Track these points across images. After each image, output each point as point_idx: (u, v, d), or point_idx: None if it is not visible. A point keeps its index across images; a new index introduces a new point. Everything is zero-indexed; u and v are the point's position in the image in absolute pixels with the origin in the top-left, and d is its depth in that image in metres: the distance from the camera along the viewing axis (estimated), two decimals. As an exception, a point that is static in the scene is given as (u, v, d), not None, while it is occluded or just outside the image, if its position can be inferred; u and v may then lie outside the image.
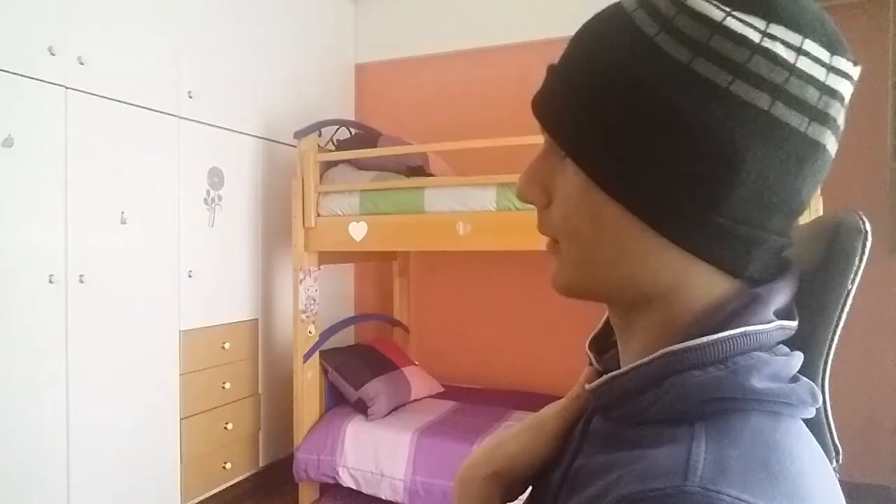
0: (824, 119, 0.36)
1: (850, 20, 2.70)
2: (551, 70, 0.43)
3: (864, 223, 0.42)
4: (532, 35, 3.25)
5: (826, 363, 0.44)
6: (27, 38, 1.85)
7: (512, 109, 3.33)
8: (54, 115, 1.94)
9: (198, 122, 2.49)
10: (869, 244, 0.42)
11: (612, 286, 0.43)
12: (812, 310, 0.43)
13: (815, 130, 0.36)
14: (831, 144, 0.38)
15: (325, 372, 2.80)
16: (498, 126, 3.05)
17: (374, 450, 2.49)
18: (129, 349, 2.20)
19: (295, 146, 2.74)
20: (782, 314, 0.41)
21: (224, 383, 2.59)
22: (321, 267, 2.79)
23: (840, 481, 0.39)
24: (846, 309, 0.42)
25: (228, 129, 2.66)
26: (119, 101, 2.15)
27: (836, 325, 0.43)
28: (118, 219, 2.16)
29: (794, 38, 0.35)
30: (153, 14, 2.28)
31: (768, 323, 0.39)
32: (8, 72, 1.80)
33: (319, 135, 2.85)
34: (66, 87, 1.96)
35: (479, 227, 2.35)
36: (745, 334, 0.38)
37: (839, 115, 0.37)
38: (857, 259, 0.42)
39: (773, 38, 0.35)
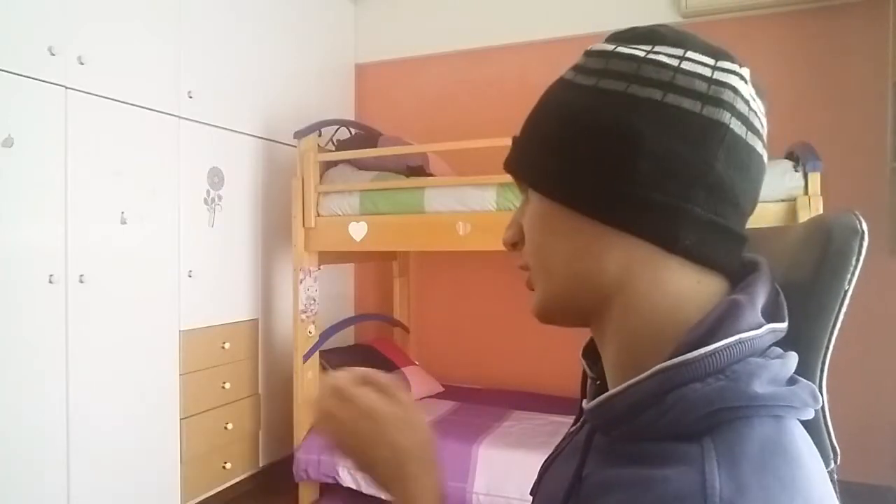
0: (717, 102, 0.42)
1: (850, 20, 2.70)
2: (515, 139, 0.52)
3: (860, 223, 0.42)
4: (532, 35, 3.25)
5: (824, 364, 0.44)
6: (27, 38, 1.85)
7: (512, 109, 3.32)
8: (54, 115, 1.94)
9: (198, 122, 2.49)
10: (866, 244, 0.42)
11: (573, 290, 0.47)
12: (809, 311, 0.44)
13: (710, 111, 0.42)
14: (736, 126, 0.43)
15: (325, 372, 2.80)
16: (498, 126, 3.04)
17: (374, 450, 2.49)
18: (129, 349, 2.20)
19: (295, 146, 2.74)
20: (768, 315, 0.42)
21: (224, 383, 2.59)
22: (321, 267, 2.79)
23: (840, 481, 0.39)
24: (843, 309, 0.43)
25: (228, 129, 2.66)
26: (119, 101, 2.15)
27: (834, 326, 0.43)
28: (118, 219, 2.16)
29: (675, 51, 0.44)
30: (153, 14, 2.28)
31: (759, 327, 0.40)
32: (8, 72, 1.80)
33: (319, 135, 2.85)
34: (66, 87, 1.96)
35: (479, 227, 2.35)
36: (739, 342, 0.39)
37: (735, 101, 0.43)
38: (853, 259, 0.42)
39: (657, 52, 0.44)
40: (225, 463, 2.62)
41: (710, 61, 0.44)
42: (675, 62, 0.43)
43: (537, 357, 3.21)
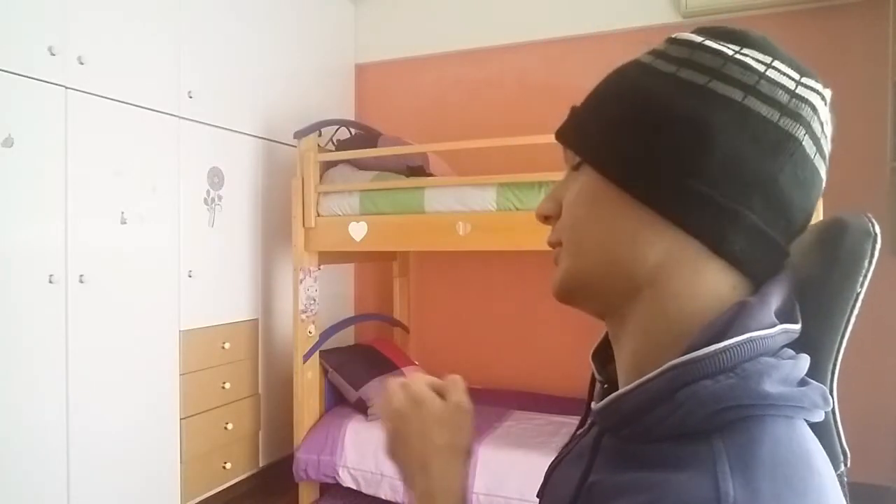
0: (796, 116, 0.42)
1: (850, 20, 2.70)
2: (574, 108, 0.51)
3: (873, 225, 0.42)
4: (532, 35, 3.25)
5: (835, 366, 0.43)
6: (27, 38, 1.85)
7: (512, 109, 3.34)
8: (54, 115, 1.93)
9: (198, 122, 2.49)
10: (879, 246, 0.42)
11: (604, 273, 0.46)
12: (820, 313, 0.43)
13: (787, 123, 0.42)
14: (808, 144, 0.43)
15: (325, 372, 2.80)
16: (498, 126, 3.05)
17: (374, 450, 2.49)
18: (129, 349, 2.20)
19: (295, 146, 2.74)
20: (782, 317, 0.41)
21: (224, 383, 2.59)
22: (321, 267, 2.79)
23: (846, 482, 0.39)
24: (855, 312, 0.43)
25: (228, 129, 2.66)
26: (119, 101, 2.14)
27: (845, 328, 0.43)
28: (118, 219, 2.16)
29: (764, 57, 0.44)
30: (153, 14, 2.28)
31: (771, 327, 0.40)
32: (8, 72, 1.79)
33: (319, 135, 2.85)
34: (66, 87, 1.96)
35: (479, 227, 2.35)
36: (751, 340, 0.39)
37: (812, 120, 0.43)
38: (865, 262, 0.42)
39: (745, 55, 0.43)
40: (225, 463, 2.62)
41: (796, 76, 0.43)
42: (761, 68, 0.43)
43: (537, 357, 3.21)
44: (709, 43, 0.45)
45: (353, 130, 3.10)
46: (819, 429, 0.40)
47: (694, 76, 0.43)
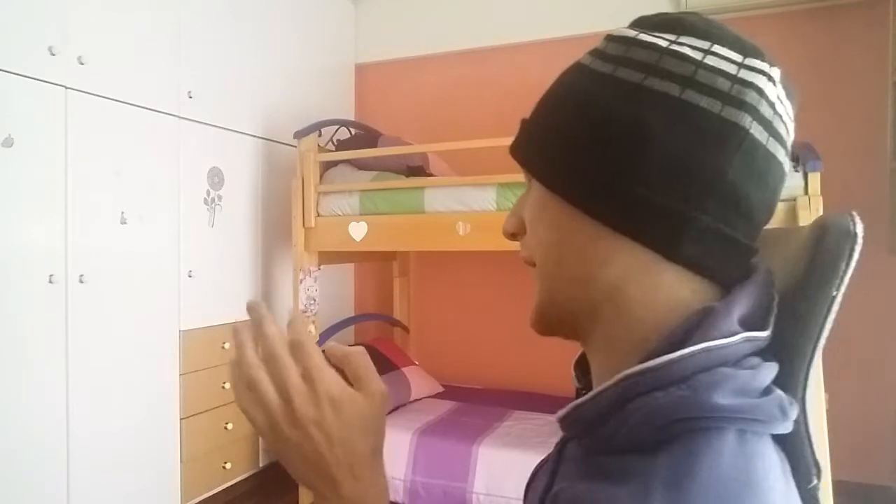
0: (739, 104, 0.39)
1: (850, 20, 2.70)
2: (523, 120, 0.49)
3: (854, 225, 0.39)
4: (532, 35, 3.25)
5: (808, 374, 0.40)
6: (27, 38, 1.85)
7: (512, 109, 3.33)
8: (54, 115, 1.93)
9: (198, 122, 2.49)
10: (858, 247, 0.39)
11: (567, 293, 0.45)
12: (796, 318, 0.41)
13: (730, 112, 0.39)
14: (757, 131, 0.40)
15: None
16: (498, 126, 3.05)
17: (374, 450, 2.49)
18: (129, 349, 2.20)
19: (295, 146, 2.74)
20: (751, 323, 0.39)
21: (224, 383, 2.59)
22: (321, 267, 2.79)
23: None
24: (831, 316, 0.40)
25: (228, 129, 2.66)
26: (119, 101, 2.14)
27: (820, 334, 0.40)
28: (118, 219, 2.16)
29: (702, 43, 0.41)
30: (153, 14, 2.28)
31: (732, 335, 0.38)
32: (8, 72, 1.79)
33: (319, 135, 2.85)
34: (66, 87, 1.96)
35: (479, 227, 2.35)
36: (706, 350, 0.37)
37: (759, 104, 0.40)
38: (843, 264, 0.39)
39: (681, 44, 0.41)
40: (225, 463, 2.62)
41: (738, 58, 0.40)
42: (699, 56, 0.40)
43: (537, 357, 3.21)
44: (643, 37, 0.42)
45: (353, 130, 3.10)
46: (789, 440, 0.38)
47: (630, 74, 0.41)
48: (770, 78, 0.41)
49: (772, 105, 0.41)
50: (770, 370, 0.38)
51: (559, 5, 3.20)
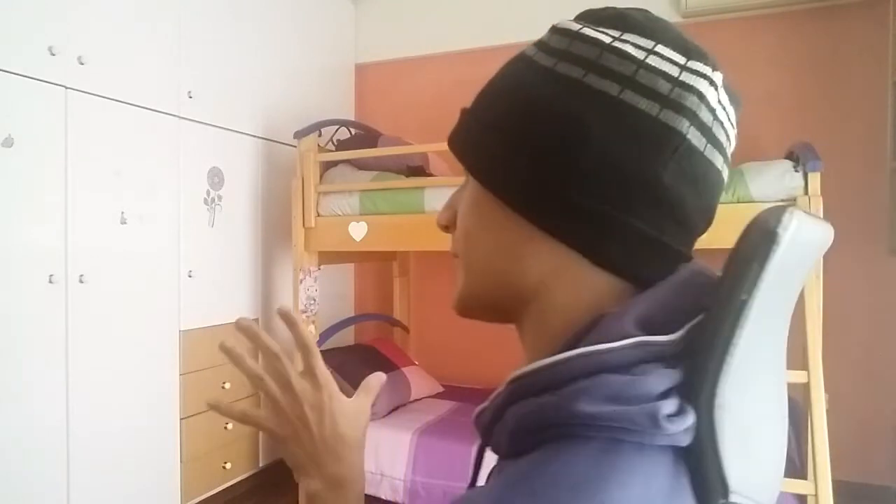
0: (678, 108, 0.38)
1: (850, 20, 2.70)
2: (463, 110, 0.48)
3: (779, 223, 0.34)
4: (532, 35, 3.18)
5: (716, 380, 0.35)
6: (27, 38, 1.85)
7: (512, 109, 3.33)
8: (54, 115, 1.93)
9: (198, 122, 2.49)
10: (779, 248, 0.34)
11: (491, 289, 0.44)
12: (710, 321, 0.37)
13: (668, 116, 0.38)
14: (695, 136, 0.39)
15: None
16: (498, 126, 3.04)
17: (374, 450, 2.49)
18: (129, 349, 2.20)
19: (295, 146, 2.74)
20: (655, 327, 0.36)
21: (224, 383, 2.59)
22: (321, 267, 2.79)
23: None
24: (741, 321, 0.35)
25: (228, 129, 2.66)
26: (119, 101, 2.14)
27: (728, 342, 0.35)
28: (118, 219, 2.16)
29: (646, 42, 0.39)
30: (153, 14, 2.28)
31: (620, 339, 0.35)
32: (8, 72, 1.79)
33: (319, 135, 2.85)
34: (66, 87, 1.96)
35: (479, 227, 2.34)
36: (584, 355, 0.36)
37: (699, 109, 0.39)
38: (756, 265, 0.34)
39: (623, 41, 0.39)
40: (225, 463, 2.62)
41: (681, 59, 0.39)
42: (641, 55, 0.39)
43: (537, 357, 3.21)
44: (586, 31, 0.41)
45: (353, 130, 3.10)
46: (696, 454, 0.35)
47: (570, 70, 0.40)
48: (712, 82, 0.40)
49: (712, 111, 0.40)
50: (662, 378, 0.35)
51: (559, 5, 3.19)
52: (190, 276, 2.44)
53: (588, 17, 0.43)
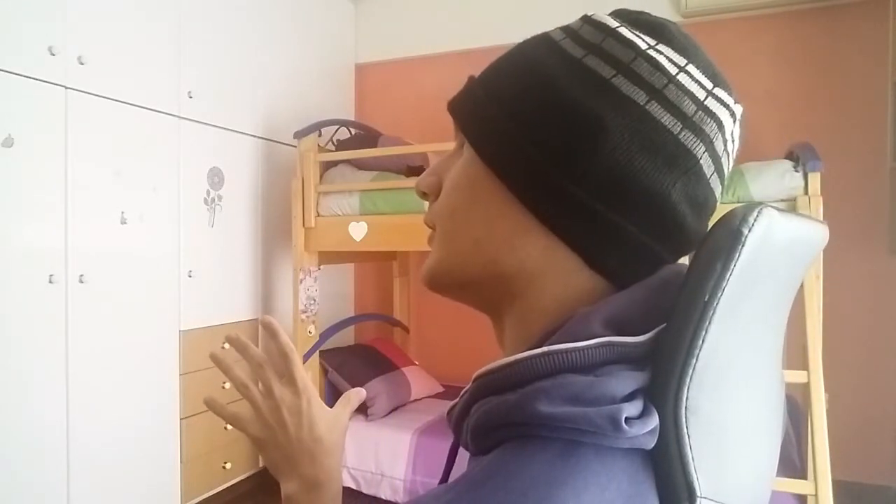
0: (698, 132, 0.38)
1: (850, 20, 2.70)
2: (471, 78, 0.46)
3: (744, 222, 0.33)
4: (532, 35, 3.24)
5: (680, 383, 0.34)
6: (27, 38, 1.85)
7: (512, 109, 3.33)
8: (54, 115, 1.93)
9: (198, 122, 2.49)
10: (745, 247, 0.33)
11: (476, 271, 0.42)
12: (674, 321, 0.35)
13: (688, 137, 0.38)
14: (706, 163, 0.39)
15: (325, 372, 2.80)
16: (498, 126, 3.04)
17: (374, 450, 2.49)
18: (129, 349, 2.20)
19: (295, 146, 2.74)
20: (626, 328, 0.36)
21: (224, 383, 2.58)
22: (321, 267, 2.79)
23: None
24: (703, 324, 0.34)
25: (228, 129, 2.66)
26: (119, 101, 2.14)
27: (693, 342, 0.34)
28: (118, 219, 2.16)
29: (679, 58, 0.39)
30: (153, 14, 2.28)
31: (586, 339, 0.35)
32: (8, 72, 1.79)
33: (319, 135, 2.85)
34: (66, 87, 1.96)
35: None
36: (546, 354, 0.35)
37: (716, 137, 0.39)
38: (718, 265, 0.33)
39: (659, 51, 0.39)
40: (225, 463, 2.62)
41: (709, 84, 0.39)
42: (673, 70, 0.38)
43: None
44: (623, 31, 0.40)
45: (353, 130, 3.10)
46: (663, 457, 0.34)
47: (600, 66, 0.39)
48: (732, 114, 0.40)
49: (725, 142, 0.40)
50: (626, 379, 0.34)
51: (559, 5, 3.19)
52: (190, 277, 2.44)
53: (625, 16, 0.42)
